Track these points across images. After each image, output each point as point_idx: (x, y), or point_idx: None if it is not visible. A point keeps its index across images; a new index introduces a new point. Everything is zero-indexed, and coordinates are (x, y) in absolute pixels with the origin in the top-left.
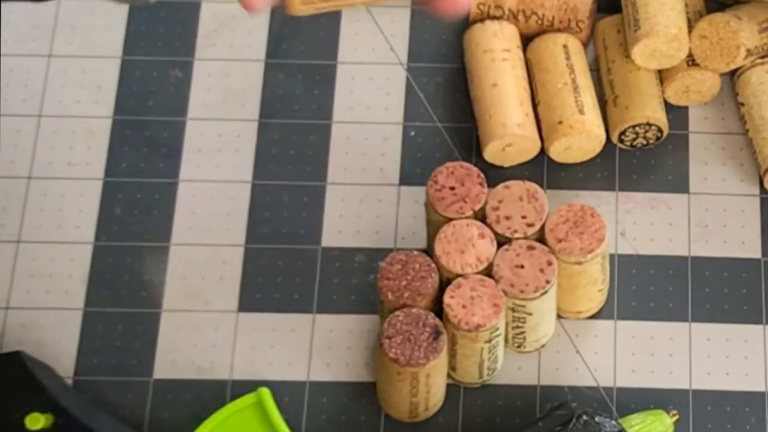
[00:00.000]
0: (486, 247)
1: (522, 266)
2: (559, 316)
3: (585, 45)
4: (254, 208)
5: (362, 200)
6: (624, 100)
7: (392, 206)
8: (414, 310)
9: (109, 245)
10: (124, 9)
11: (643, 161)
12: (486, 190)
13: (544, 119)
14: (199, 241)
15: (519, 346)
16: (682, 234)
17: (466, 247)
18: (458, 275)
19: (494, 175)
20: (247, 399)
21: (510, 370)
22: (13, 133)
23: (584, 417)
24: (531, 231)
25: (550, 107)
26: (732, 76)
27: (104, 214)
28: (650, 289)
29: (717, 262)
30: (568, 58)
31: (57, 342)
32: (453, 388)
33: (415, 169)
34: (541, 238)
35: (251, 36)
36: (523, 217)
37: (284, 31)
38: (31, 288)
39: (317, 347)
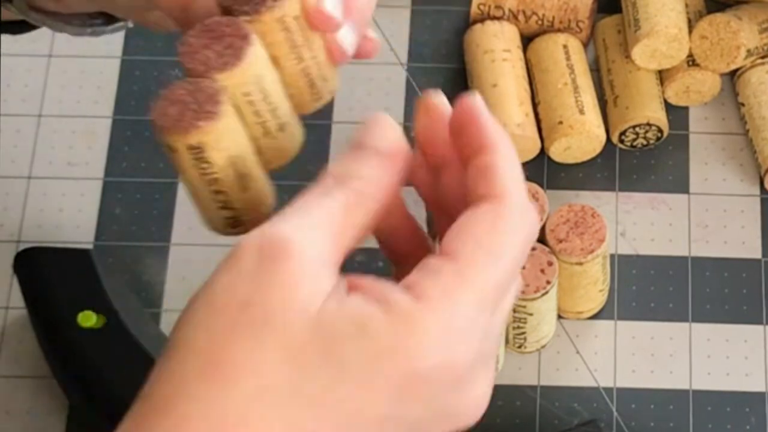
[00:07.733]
0: None
1: (522, 267)
2: (559, 317)
3: (585, 45)
4: None
5: None
6: (624, 100)
7: None
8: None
9: (109, 245)
10: None
11: (643, 161)
12: None
13: (544, 119)
14: (199, 241)
15: (520, 347)
16: (682, 234)
17: None
18: None
19: None
20: None
21: (510, 370)
22: (13, 133)
23: None
24: None
25: (550, 107)
26: (732, 77)
27: (104, 214)
28: (650, 289)
29: (717, 263)
30: (568, 58)
31: None
32: None
33: None
34: (541, 238)
35: None
36: None
37: None
38: None
39: None
